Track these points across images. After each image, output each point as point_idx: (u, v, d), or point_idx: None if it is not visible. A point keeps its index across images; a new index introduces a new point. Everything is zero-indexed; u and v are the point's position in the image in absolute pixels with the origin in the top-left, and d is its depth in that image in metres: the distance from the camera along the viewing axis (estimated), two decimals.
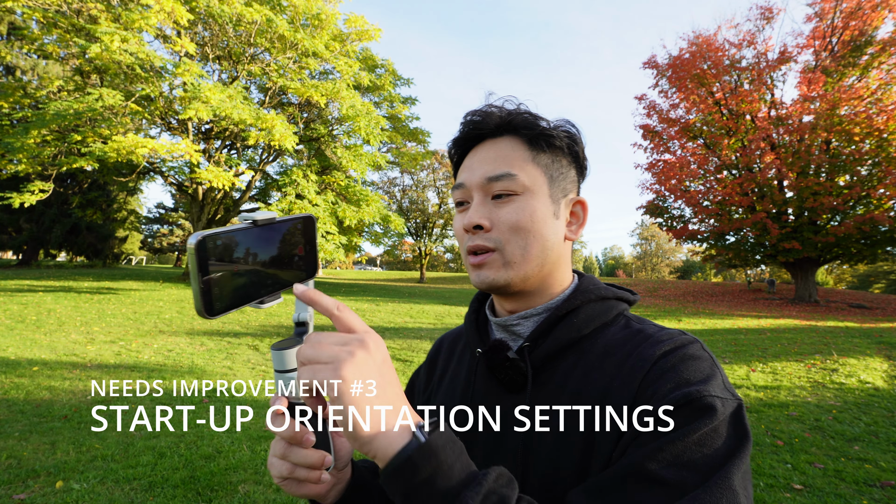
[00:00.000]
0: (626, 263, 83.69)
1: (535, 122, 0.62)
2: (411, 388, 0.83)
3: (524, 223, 0.59)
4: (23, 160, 12.27)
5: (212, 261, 0.40)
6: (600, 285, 0.65)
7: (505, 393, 0.62)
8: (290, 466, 0.50)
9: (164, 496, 2.85)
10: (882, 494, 2.97)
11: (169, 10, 11.65)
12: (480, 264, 0.60)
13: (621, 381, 0.54)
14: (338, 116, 17.15)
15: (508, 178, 0.60)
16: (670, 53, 19.63)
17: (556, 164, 0.63)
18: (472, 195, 0.62)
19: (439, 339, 0.83)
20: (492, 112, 0.63)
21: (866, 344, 7.84)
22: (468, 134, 0.65)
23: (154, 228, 50.71)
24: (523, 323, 0.64)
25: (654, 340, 0.57)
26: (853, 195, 15.27)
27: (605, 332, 0.61)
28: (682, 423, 0.47)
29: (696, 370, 0.52)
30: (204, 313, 0.39)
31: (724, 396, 0.50)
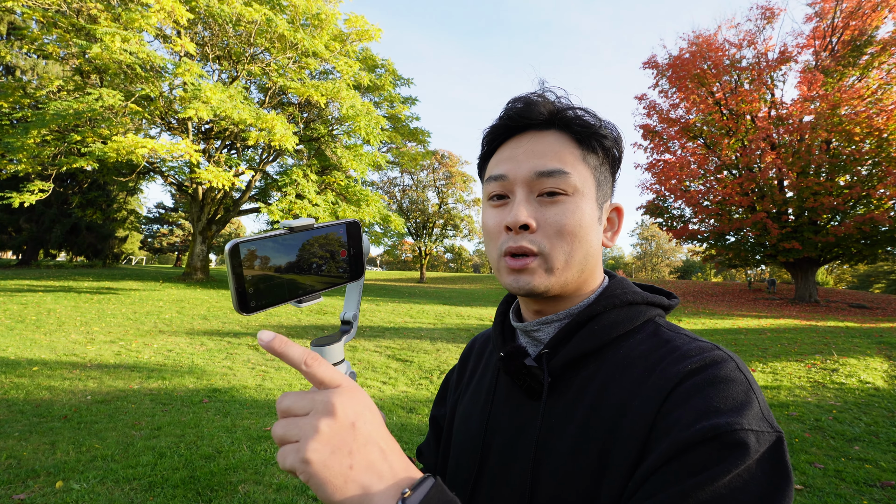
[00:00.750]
0: (627, 263, 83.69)
1: (588, 120, 0.58)
2: (445, 386, 0.82)
3: (572, 227, 0.55)
4: (23, 160, 12.28)
5: (246, 264, 0.43)
6: (629, 289, 0.61)
7: (525, 399, 0.59)
8: None
9: (164, 496, 2.85)
10: (882, 494, 2.97)
11: (169, 9, 11.65)
12: (522, 269, 0.55)
13: (641, 401, 0.49)
14: (338, 116, 17.15)
15: (561, 175, 0.55)
16: (670, 53, 19.64)
17: (602, 168, 0.60)
18: (515, 190, 0.57)
19: (473, 340, 0.81)
20: (540, 102, 0.58)
21: (866, 344, 7.84)
22: (512, 122, 0.59)
23: (154, 228, 50.72)
24: (544, 329, 0.61)
25: (681, 355, 0.51)
26: (853, 195, 15.27)
27: (630, 340, 0.56)
28: (709, 463, 0.41)
29: (728, 396, 0.45)
30: (239, 310, 0.43)
31: (760, 429, 0.43)
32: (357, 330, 0.56)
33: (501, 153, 0.60)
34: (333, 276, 0.52)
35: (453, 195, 37.55)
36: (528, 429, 0.57)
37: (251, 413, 4.54)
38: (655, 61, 19.99)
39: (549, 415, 0.56)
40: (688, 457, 0.42)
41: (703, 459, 0.42)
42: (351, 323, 0.54)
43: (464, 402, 0.71)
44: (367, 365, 6.62)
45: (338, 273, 0.52)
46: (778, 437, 0.44)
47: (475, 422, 0.65)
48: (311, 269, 0.49)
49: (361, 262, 0.54)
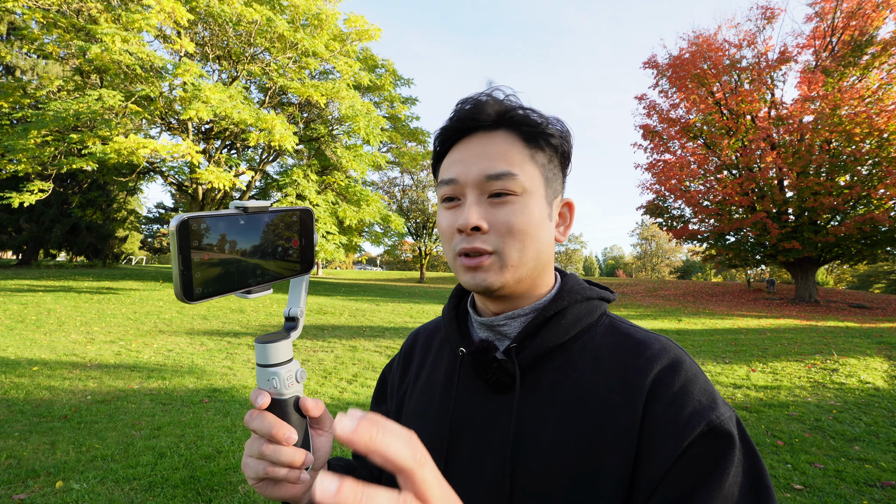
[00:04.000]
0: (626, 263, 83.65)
1: (535, 118, 0.59)
2: (383, 384, 0.80)
3: (522, 226, 0.56)
4: (23, 160, 12.28)
5: (195, 244, 0.39)
6: (584, 285, 0.64)
7: (491, 393, 0.60)
8: (266, 466, 0.49)
9: (164, 496, 2.85)
10: (882, 494, 2.97)
11: (169, 10, 11.65)
12: (476, 267, 0.57)
13: (622, 397, 0.53)
14: (338, 116, 17.15)
15: (509, 177, 0.56)
16: (670, 53, 19.64)
17: (550, 165, 0.61)
18: (466, 192, 0.58)
19: (413, 333, 0.80)
20: (489, 103, 0.58)
21: (866, 344, 7.84)
22: (461, 125, 0.60)
23: (154, 228, 50.69)
24: (510, 323, 0.62)
25: (646, 348, 0.57)
26: (853, 195, 15.27)
27: (591, 332, 0.60)
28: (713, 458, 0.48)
29: (701, 390, 0.52)
30: (183, 297, 0.38)
31: (730, 414, 0.51)
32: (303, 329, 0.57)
33: (452, 155, 0.61)
34: (284, 267, 0.49)
35: None
36: (499, 423, 0.57)
37: None
38: (655, 61, 19.99)
39: (521, 408, 0.57)
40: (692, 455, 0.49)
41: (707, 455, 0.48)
42: (297, 319, 0.51)
43: (413, 400, 0.69)
44: (367, 365, 6.62)
45: (289, 263, 0.50)
46: (737, 415, 0.52)
47: (433, 419, 0.64)
48: (263, 256, 0.46)
49: (312, 254, 0.52)
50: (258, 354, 0.49)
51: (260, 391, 0.49)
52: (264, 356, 0.48)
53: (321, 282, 25.35)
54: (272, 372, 0.48)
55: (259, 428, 0.48)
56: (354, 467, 0.70)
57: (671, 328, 10.05)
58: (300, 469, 0.50)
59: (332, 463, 0.66)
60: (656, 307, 15.14)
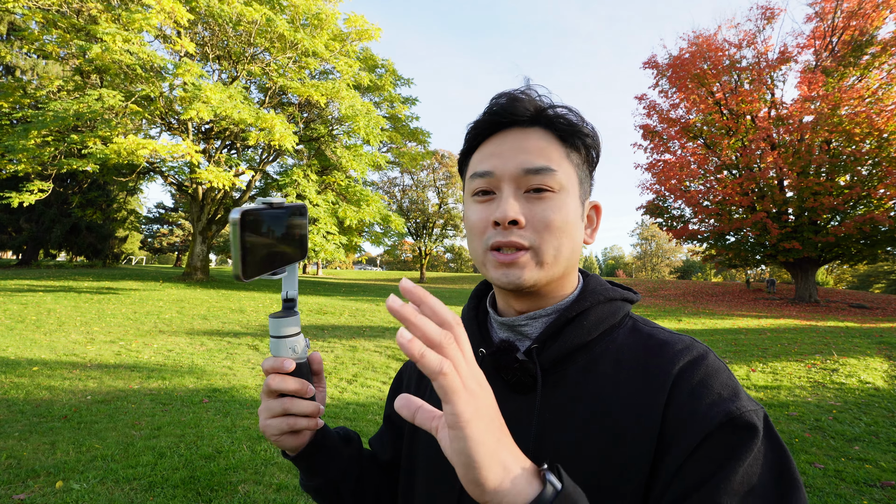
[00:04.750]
0: (627, 263, 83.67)
1: (572, 118, 0.59)
2: (398, 385, 0.79)
3: (560, 223, 0.56)
4: (22, 160, 12.28)
5: (247, 232, 0.47)
6: (606, 286, 0.63)
7: (510, 394, 0.59)
8: (292, 420, 0.55)
9: (164, 496, 2.85)
10: (882, 494, 2.97)
11: (169, 9, 11.65)
12: (511, 263, 0.56)
13: (644, 397, 0.52)
14: (338, 116, 17.16)
15: (548, 172, 0.56)
16: (670, 53, 19.65)
17: (583, 166, 0.61)
18: (502, 186, 0.57)
19: None
20: (526, 98, 0.58)
21: (866, 344, 7.84)
22: (497, 119, 0.59)
23: (154, 228, 50.71)
24: (531, 323, 0.61)
25: (670, 349, 0.55)
26: (853, 195, 15.27)
27: (614, 334, 0.59)
28: (732, 447, 0.47)
29: (723, 384, 0.51)
30: (241, 276, 0.46)
31: (755, 408, 0.50)
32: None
33: (485, 149, 0.60)
34: (294, 252, 0.57)
35: (453, 195, 37.55)
36: (521, 423, 0.57)
37: (251, 413, 4.54)
38: (655, 61, 20.00)
39: (543, 408, 0.56)
40: (711, 444, 0.48)
41: (726, 444, 0.47)
42: (294, 300, 0.58)
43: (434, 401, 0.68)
44: (368, 365, 6.62)
45: (296, 250, 0.58)
46: (764, 411, 0.51)
47: None
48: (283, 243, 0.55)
49: (306, 243, 0.61)
50: (279, 327, 0.56)
51: (283, 359, 0.55)
52: (287, 327, 0.56)
53: (321, 282, 25.34)
54: (295, 340, 0.56)
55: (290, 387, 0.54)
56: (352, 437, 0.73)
57: (671, 328, 10.05)
58: (317, 417, 0.58)
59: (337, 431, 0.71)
60: (656, 307, 15.13)
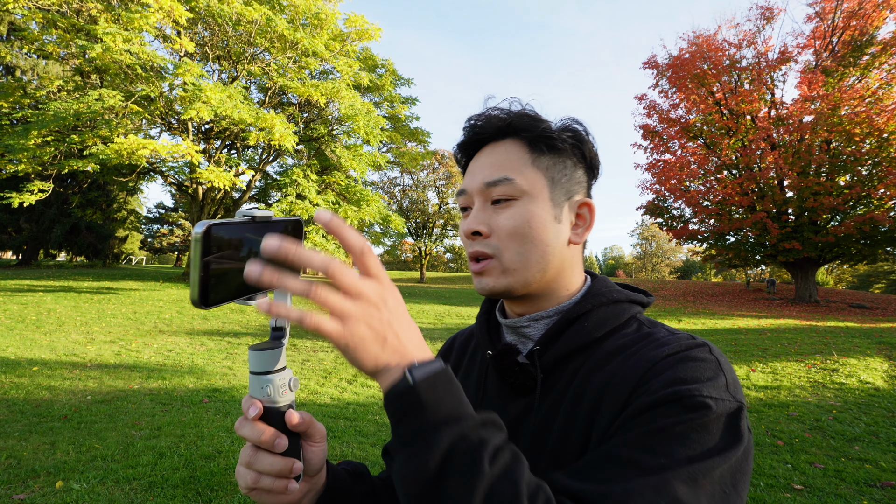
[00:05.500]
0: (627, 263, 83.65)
1: (535, 123, 0.61)
2: None
3: (521, 229, 0.58)
4: (23, 160, 12.28)
5: (213, 250, 0.41)
6: (613, 288, 0.64)
7: (514, 396, 0.61)
8: (255, 476, 0.49)
9: (164, 496, 2.85)
10: (882, 494, 2.97)
11: (168, 9, 11.65)
12: (481, 272, 0.60)
13: (619, 379, 0.53)
14: (338, 116, 17.16)
15: (505, 182, 0.59)
16: (670, 53, 19.64)
17: (558, 166, 0.62)
18: (474, 201, 0.62)
19: (451, 338, 0.82)
20: (492, 116, 0.62)
21: (866, 344, 7.84)
22: (470, 139, 0.65)
23: (154, 228, 50.71)
24: (533, 325, 0.63)
25: (661, 343, 0.55)
26: (853, 195, 15.27)
27: (616, 335, 0.60)
28: (665, 417, 0.46)
29: (696, 371, 0.49)
30: (199, 303, 0.40)
31: (722, 398, 0.47)
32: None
33: (468, 168, 0.66)
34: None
35: (453, 195, 37.53)
36: (522, 424, 0.59)
37: None
38: (655, 61, 19.99)
39: (541, 409, 0.58)
40: (650, 413, 0.47)
41: (664, 414, 0.46)
42: (284, 329, 0.51)
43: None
44: None
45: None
46: (739, 406, 0.47)
47: None
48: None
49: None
50: (252, 362, 0.49)
51: (252, 400, 0.49)
52: (259, 364, 0.48)
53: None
54: (266, 380, 0.48)
55: (249, 435, 0.48)
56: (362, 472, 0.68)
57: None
58: (289, 478, 0.50)
59: (340, 465, 0.66)
60: (656, 307, 15.13)
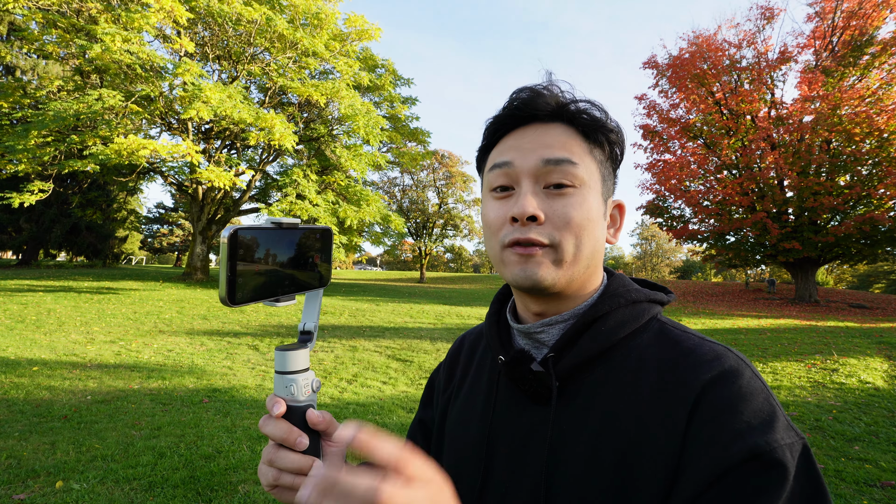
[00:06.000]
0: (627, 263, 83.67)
1: (596, 114, 0.57)
2: (431, 387, 0.79)
3: (580, 220, 0.53)
4: (23, 160, 12.28)
5: (240, 253, 0.43)
6: (631, 287, 0.59)
7: (529, 404, 0.57)
8: (276, 473, 0.48)
9: (164, 496, 2.85)
10: (882, 494, 2.97)
11: (168, 9, 11.65)
12: (529, 256, 0.53)
13: (663, 413, 0.48)
14: (338, 116, 17.16)
15: (569, 165, 0.53)
16: (670, 53, 19.64)
17: (607, 163, 0.59)
18: (521, 180, 0.54)
19: (460, 338, 0.78)
20: (548, 94, 0.56)
21: (866, 344, 7.84)
22: (519, 111, 0.56)
23: (154, 228, 50.71)
24: (548, 330, 0.58)
25: (695, 360, 0.50)
26: (853, 195, 15.27)
27: (637, 340, 0.55)
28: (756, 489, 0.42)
29: (755, 410, 0.45)
30: (227, 301, 0.42)
31: (790, 441, 0.44)
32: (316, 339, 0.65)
33: (504, 143, 0.58)
34: (307, 280, 0.53)
35: (453, 195, 37.56)
36: (537, 435, 0.55)
37: (251, 413, 4.54)
38: (655, 61, 19.99)
39: (559, 420, 0.54)
40: (731, 482, 0.43)
41: (749, 485, 0.42)
42: (311, 333, 0.53)
43: (457, 406, 0.68)
44: (367, 365, 6.62)
45: (311, 277, 0.53)
46: (804, 444, 0.44)
47: (475, 428, 0.62)
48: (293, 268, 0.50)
49: (329, 271, 0.56)
50: (277, 362, 0.50)
51: (276, 398, 0.49)
52: (283, 363, 0.50)
53: None
54: (290, 379, 0.50)
55: (272, 432, 0.48)
56: None
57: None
58: None
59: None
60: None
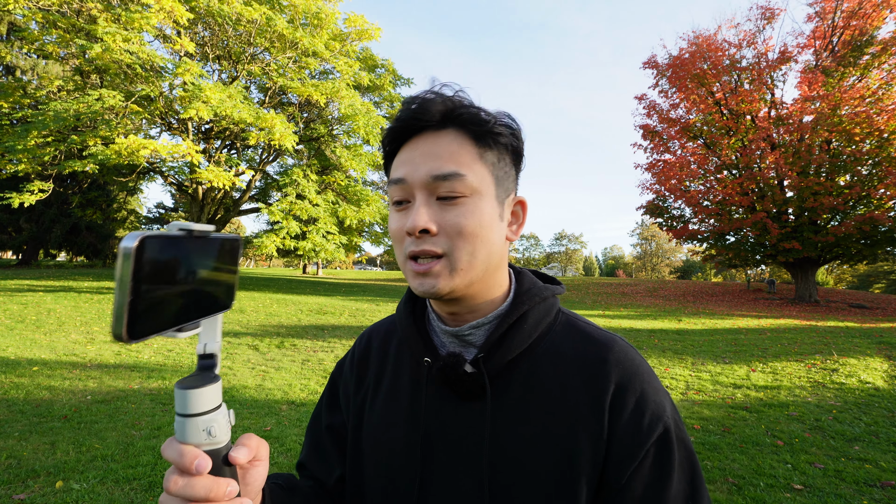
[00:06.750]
0: (626, 263, 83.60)
1: (483, 117, 0.57)
2: (333, 387, 0.75)
3: (473, 228, 0.55)
4: (23, 160, 12.28)
5: (146, 270, 0.33)
6: (539, 284, 0.65)
7: (460, 403, 0.59)
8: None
9: None
10: (882, 494, 2.97)
11: (169, 9, 11.65)
12: (426, 272, 0.55)
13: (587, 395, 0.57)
14: (337, 116, 17.16)
15: (457, 178, 0.55)
16: (670, 53, 19.64)
17: (501, 163, 0.59)
18: (415, 194, 0.56)
19: (366, 335, 0.75)
20: (435, 101, 0.56)
21: (866, 344, 7.84)
22: (408, 125, 0.57)
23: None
24: (475, 332, 0.61)
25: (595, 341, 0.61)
26: (853, 195, 15.27)
27: (551, 333, 0.62)
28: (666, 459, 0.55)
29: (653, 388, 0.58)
30: (125, 336, 0.32)
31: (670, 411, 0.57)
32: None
33: (400, 155, 0.59)
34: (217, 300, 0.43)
35: None
36: (472, 433, 0.58)
37: (251, 413, 4.54)
38: (655, 61, 19.99)
39: (494, 418, 0.58)
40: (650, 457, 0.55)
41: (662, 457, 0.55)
42: (215, 356, 0.44)
43: (377, 409, 0.66)
44: None
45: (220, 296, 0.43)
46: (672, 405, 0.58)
47: (402, 430, 0.62)
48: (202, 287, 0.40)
49: (234, 289, 0.46)
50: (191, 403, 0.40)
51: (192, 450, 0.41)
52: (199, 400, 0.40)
53: (321, 282, 25.35)
54: (209, 419, 0.41)
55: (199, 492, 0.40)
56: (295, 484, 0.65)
57: (671, 328, 10.05)
58: None
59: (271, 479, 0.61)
60: (656, 307, 15.13)
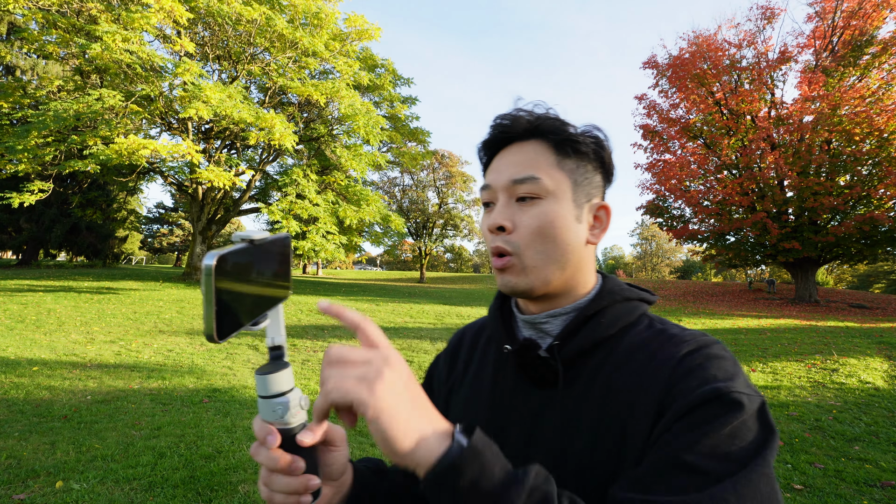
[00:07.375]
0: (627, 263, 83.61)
1: (562, 127, 0.64)
2: (430, 380, 0.83)
3: (545, 227, 0.61)
4: (23, 160, 12.28)
5: (224, 281, 0.40)
6: (624, 287, 0.68)
7: (535, 389, 0.64)
8: (269, 493, 0.50)
9: (164, 496, 2.85)
10: (882, 494, 2.97)
11: (168, 9, 11.65)
12: (503, 268, 0.63)
13: (650, 378, 0.56)
14: (337, 116, 17.16)
15: (532, 181, 0.62)
16: (670, 53, 19.65)
17: (580, 169, 0.65)
18: (498, 196, 0.64)
19: (461, 331, 0.84)
20: (520, 116, 0.65)
21: (866, 344, 7.84)
22: (496, 137, 0.67)
23: (154, 228, 50.72)
24: (552, 321, 0.66)
25: (678, 340, 0.59)
26: (853, 195, 15.28)
27: (630, 331, 0.63)
28: (713, 417, 0.50)
29: (721, 368, 0.54)
30: (215, 337, 0.39)
31: (749, 393, 0.52)
32: None
33: (492, 165, 0.68)
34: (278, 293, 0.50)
35: (453, 195, 37.57)
36: (545, 415, 0.62)
37: (251, 413, 4.54)
38: (655, 61, 20.00)
39: (564, 403, 0.61)
40: (694, 414, 0.50)
41: (709, 414, 0.50)
42: (282, 347, 0.50)
43: (461, 395, 0.73)
44: None
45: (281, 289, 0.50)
46: (762, 400, 0.53)
47: (483, 413, 0.68)
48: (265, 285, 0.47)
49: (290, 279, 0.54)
50: (262, 386, 0.47)
51: (267, 426, 0.48)
52: (271, 387, 0.47)
53: (321, 282, 25.34)
54: (279, 402, 0.47)
55: (265, 462, 0.48)
56: (383, 469, 0.70)
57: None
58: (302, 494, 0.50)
59: (361, 463, 0.69)
60: (656, 307, 15.13)
